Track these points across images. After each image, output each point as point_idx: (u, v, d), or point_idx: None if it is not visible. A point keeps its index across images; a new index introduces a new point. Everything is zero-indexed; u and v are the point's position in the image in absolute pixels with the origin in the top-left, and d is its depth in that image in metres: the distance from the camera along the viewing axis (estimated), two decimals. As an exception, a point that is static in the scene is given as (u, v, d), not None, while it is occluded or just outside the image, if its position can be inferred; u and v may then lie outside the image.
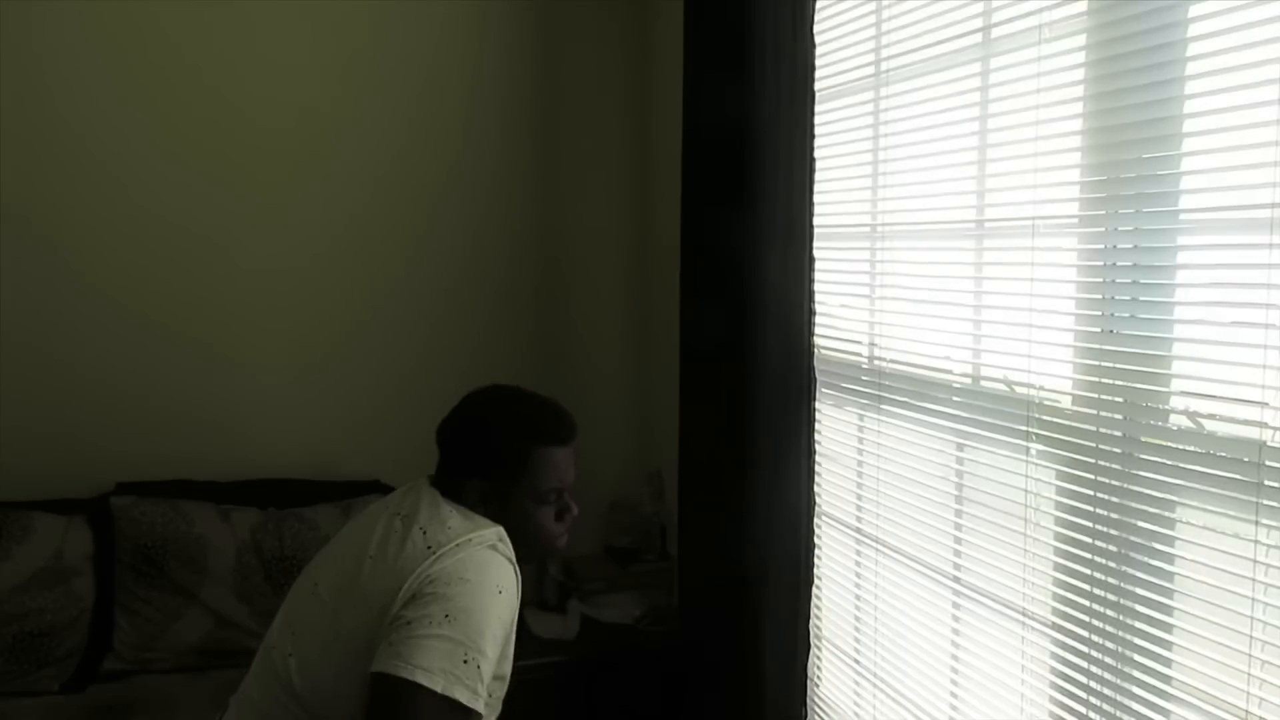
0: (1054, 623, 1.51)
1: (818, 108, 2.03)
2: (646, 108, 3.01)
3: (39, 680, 2.22)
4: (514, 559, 1.47)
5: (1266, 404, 1.16)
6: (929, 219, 1.79)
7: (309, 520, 2.54)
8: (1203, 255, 1.29)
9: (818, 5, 2.02)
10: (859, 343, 2.04)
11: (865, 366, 2.02)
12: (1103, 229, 1.41)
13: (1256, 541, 1.18)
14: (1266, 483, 1.16)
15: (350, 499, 2.62)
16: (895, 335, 1.91)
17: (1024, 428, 1.54)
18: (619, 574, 2.88)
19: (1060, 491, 1.49)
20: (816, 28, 2.02)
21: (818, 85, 2.03)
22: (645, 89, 3.01)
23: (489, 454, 1.51)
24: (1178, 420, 1.31)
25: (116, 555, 2.40)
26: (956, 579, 1.74)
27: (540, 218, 2.99)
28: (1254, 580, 1.19)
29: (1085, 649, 1.44)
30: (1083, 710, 1.45)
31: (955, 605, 1.75)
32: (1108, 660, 1.40)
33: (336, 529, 2.55)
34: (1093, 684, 1.43)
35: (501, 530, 1.48)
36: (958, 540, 1.74)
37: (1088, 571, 1.43)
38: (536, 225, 2.98)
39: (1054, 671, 1.52)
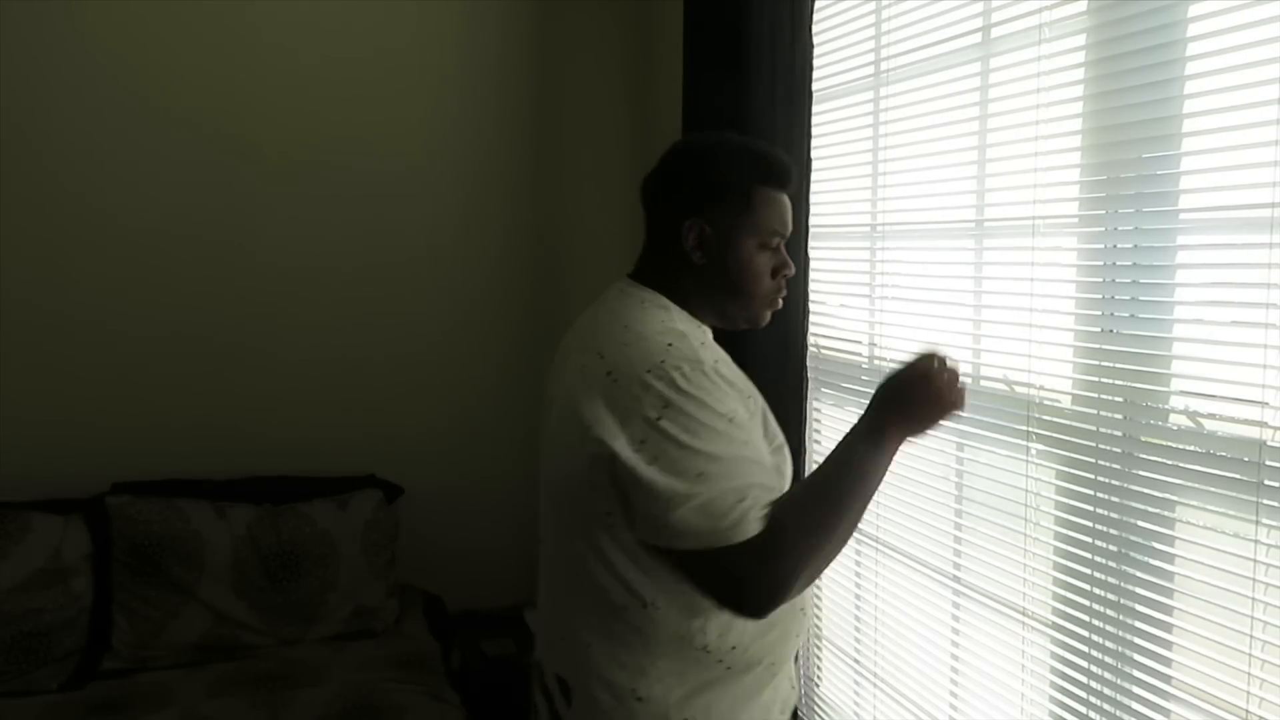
0: (1054, 622, 1.51)
1: (818, 108, 2.04)
2: (646, 107, 3.01)
3: (38, 680, 2.21)
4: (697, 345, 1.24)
5: (1266, 404, 1.17)
6: (929, 219, 1.79)
7: (305, 515, 2.54)
8: (1202, 255, 1.29)
9: (817, 5, 2.02)
10: (859, 342, 2.04)
11: (865, 366, 2.02)
12: (1103, 229, 1.41)
13: (1256, 541, 1.18)
14: (1266, 483, 1.16)
15: (346, 493, 2.63)
16: (895, 335, 1.91)
17: (1024, 427, 1.54)
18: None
19: (1060, 491, 1.49)
20: (816, 28, 2.02)
21: (817, 85, 2.03)
22: (645, 88, 3.01)
23: (708, 186, 1.29)
24: (1178, 420, 1.31)
25: (114, 554, 2.39)
26: (956, 579, 1.74)
27: (539, 216, 2.99)
28: (1254, 580, 1.19)
29: (1085, 649, 1.44)
30: (1083, 710, 1.45)
31: (955, 605, 1.75)
32: (1108, 660, 1.40)
33: (333, 523, 2.58)
34: (1093, 684, 1.43)
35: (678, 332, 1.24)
36: (958, 540, 1.74)
37: (1088, 571, 1.43)
38: (535, 224, 2.98)
39: (1054, 671, 1.52)
